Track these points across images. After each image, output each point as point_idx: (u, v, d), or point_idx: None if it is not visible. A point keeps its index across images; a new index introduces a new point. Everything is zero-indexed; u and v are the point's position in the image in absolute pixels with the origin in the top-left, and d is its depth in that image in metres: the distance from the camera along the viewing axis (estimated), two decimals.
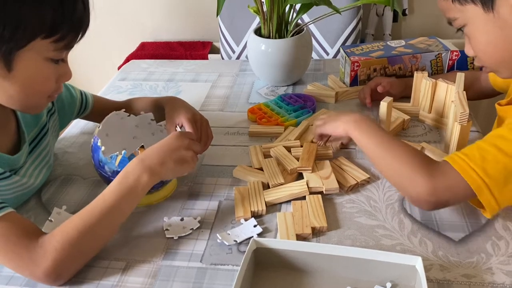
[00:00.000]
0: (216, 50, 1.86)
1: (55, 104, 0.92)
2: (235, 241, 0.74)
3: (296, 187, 0.83)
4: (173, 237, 0.76)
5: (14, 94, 0.70)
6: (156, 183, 0.74)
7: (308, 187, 0.83)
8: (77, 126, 1.11)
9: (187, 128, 0.86)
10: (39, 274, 0.65)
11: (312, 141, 0.97)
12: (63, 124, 0.97)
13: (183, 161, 0.76)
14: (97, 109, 1.00)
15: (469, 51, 0.78)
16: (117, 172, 0.74)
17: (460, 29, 0.77)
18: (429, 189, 0.69)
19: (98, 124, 0.85)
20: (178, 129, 0.87)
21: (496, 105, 0.90)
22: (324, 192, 0.83)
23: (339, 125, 0.85)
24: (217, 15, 1.05)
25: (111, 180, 0.74)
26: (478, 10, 0.71)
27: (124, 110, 0.89)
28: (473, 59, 0.84)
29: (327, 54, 1.60)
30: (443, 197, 0.70)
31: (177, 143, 0.76)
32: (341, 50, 1.20)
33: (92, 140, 0.81)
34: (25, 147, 0.81)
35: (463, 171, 0.68)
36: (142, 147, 0.77)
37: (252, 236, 0.72)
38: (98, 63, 2.02)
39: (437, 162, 0.72)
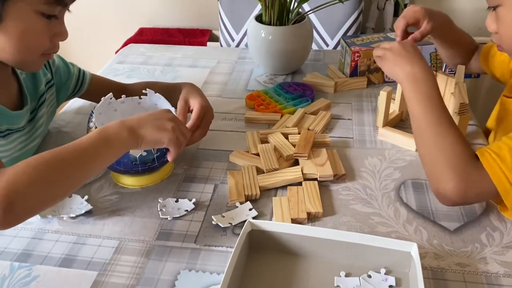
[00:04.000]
0: (215, 38, 1.85)
1: (54, 78, 0.92)
2: (230, 223, 0.74)
3: (291, 173, 0.83)
4: (167, 218, 0.76)
5: (6, 47, 0.71)
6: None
7: (302, 173, 0.83)
8: (72, 106, 1.09)
9: (195, 112, 0.86)
10: None
11: (308, 129, 0.96)
12: (59, 100, 0.96)
13: (162, 129, 0.72)
14: (94, 88, 0.99)
15: (491, 26, 0.77)
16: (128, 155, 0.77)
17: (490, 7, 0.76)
18: (460, 192, 0.68)
19: (93, 104, 0.84)
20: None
21: (502, 97, 0.89)
22: (318, 178, 0.82)
23: (397, 72, 0.79)
24: None
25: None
26: None
27: (111, 96, 0.83)
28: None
29: (327, 45, 1.60)
30: (470, 200, 0.73)
31: (160, 114, 0.74)
32: (342, 40, 1.19)
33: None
34: (27, 109, 0.81)
35: (495, 175, 0.66)
36: None
37: (247, 219, 0.72)
38: (95, 48, 2.00)
39: (474, 161, 0.68)
